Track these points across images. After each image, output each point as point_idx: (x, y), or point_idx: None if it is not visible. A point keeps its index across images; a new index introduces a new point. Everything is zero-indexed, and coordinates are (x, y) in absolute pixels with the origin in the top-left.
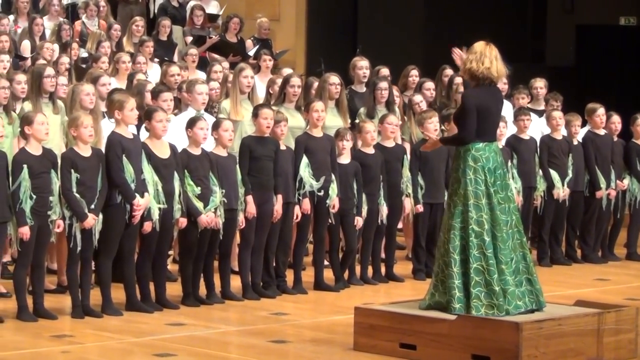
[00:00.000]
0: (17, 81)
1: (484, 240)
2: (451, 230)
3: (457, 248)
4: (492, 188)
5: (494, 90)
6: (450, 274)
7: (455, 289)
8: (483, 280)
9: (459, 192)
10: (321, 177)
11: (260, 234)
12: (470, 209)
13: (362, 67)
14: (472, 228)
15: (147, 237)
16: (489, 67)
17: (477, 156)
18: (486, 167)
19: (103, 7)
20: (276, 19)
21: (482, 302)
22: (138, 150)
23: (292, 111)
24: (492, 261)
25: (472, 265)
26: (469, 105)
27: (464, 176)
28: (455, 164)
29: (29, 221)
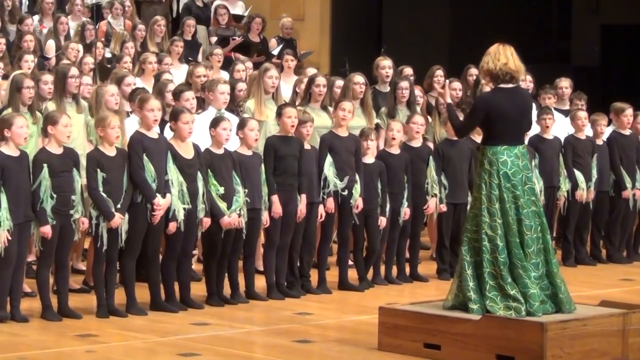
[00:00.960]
0: (43, 81)
1: (497, 245)
2: (465, 232)
3: (469, 251)
4: (510, 193)
5: (516, 93)
6: (464, 277)
7: (470, 290)
8: (497, 284)
9: (475, 195)
10: (345, 177)
11: (285, 234)
12: (483, 213)
13: (384, 66)
14: (485, 232)
15: (172, 237)
16: (506, 63)
17: (493, 160)
18: (501, 171)
19: (128, 7)
20: (300, 18)
21: (499, 305)
22: (162, 150)
23: (318, 111)
24: (505, 267)
25: (486, 269)
26: (477, 108)
27: (480, 179)
28: (475, 167)
29: (51, 220)
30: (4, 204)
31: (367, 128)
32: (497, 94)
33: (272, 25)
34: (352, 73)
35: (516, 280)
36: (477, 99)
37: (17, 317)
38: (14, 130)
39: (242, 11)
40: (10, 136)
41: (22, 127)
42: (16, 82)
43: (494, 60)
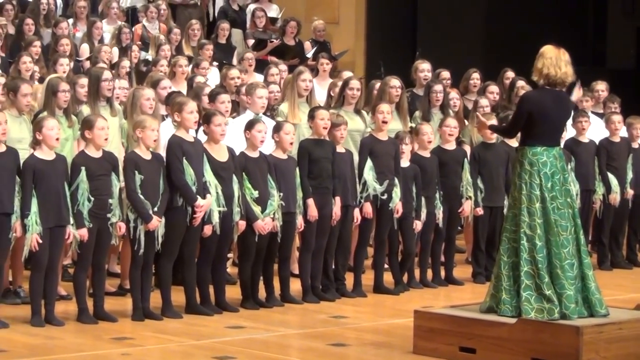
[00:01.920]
0: (80, 84)
1: (536, 244)
2: (504, 232)
3: (507, 251)
4: (550, 193)
5: (560, 95)
6: (499, 276)
7: (503, 290)
8: (533, 284)
9: (514, 195)
10: (385, 181)
11: (320, 237)
12: (523, 212)
13: (423, 70)
14: (523, 231)
15: (207, 240)
16: (566, 72)
17: (534, 160)
18: (542, 171)
19: (164, 10)
20: (335, 22)
21: (532, 306)
22: (199, 153)
23: (351, 114)
24: (543, 266)
25: (523, 268)
26: (522, 106)
27: (519, 179)
28: (514, 167)
29: (87, 223)
30: (34, 207)
31: (402, 132)
32: (542, 94)
33: (306, 28)
34: (388, 76)
35: (553, 281)
36: (522, 96)
37: (52, 320)
38: (45, 132)
39: (276, 14)
40: (42, 139)
41: (53, 128)
42: (52, 86)
43: (555, 66)
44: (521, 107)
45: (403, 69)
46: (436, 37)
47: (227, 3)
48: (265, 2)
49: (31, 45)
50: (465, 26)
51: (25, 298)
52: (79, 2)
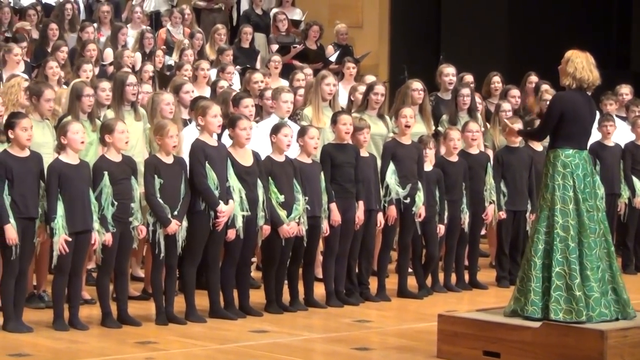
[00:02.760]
0: (101, 88)
1: (569, 245)
2: (536, 233)
3: (539, 251)
4: (581, 195)
5: (589, 99)
6: (529, 277)
7: (532, 291)
8: (564, 284)
9: (546, 197)
10: (407, 185)
11: (344, 242)
12: (556, 213)
13: (448, 74)
14: (557, 232)
15: (231, 244)
16: (597, 75)
17: (567, 162)
18: (575, 173)
19: (188, 14)
20: (359, 25)
21: (561, 307)
22: (222, 158)
23: (375, 119)
24: (575, 266)
25: (555, 269)
26: (554, 106)
27: (552, 181)
28: (545, 170)
29: (111, 228)
30: (61, 211)
31: (425, 136)
32: (573, 95)
33: (329, 32)
34: (411, 79)
35: (584, 282)
36: (554, 96)
37: (76, 324)
38: (70, 136)
39: (299, 17)
40: (67, 143)
41: (78, 132)
42: (76, 90)
43: (588, 72)
44: (553, 107)
45: (427, 73)
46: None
47: (250, 7)
48: (288, 6)
49: (58, 50)
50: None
51: (49, 302)
52: (102, 7)
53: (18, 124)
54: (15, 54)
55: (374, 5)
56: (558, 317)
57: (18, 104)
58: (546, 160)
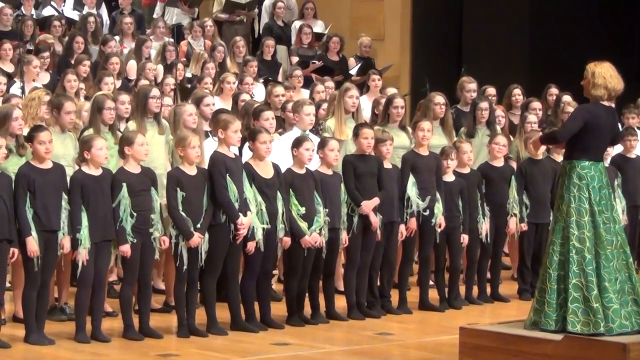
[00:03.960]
0: (120, 101)
1: (585, 257)
2: (551, 245)
3: (553, 263)
4: (597, 207)
5: (611, 112)
6: (545, 289)
7: (546, 303)
8: (581, 296)
9: (562, 209)
10: (427, 196)
11: (365, 254)
12: (572, 225)
13: (470, 89)
14: (572, 244)
15: (251, 257)
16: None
17: (583, 174)
18: (591, 185)
19: (210, 27)
20: (380, 38)
21: (579, 319)
22: (240, 170)
23: (397, 131)
24: (592, 278)
25: (571, 280)
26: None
27: (567, 193)
28: (561, 181)
29: (131, 239)
30: (85, 222)
31: (448, 147)
32: (598, 108)
33: (351, 44)
34: (432, 93)
35: (601, 294)
36: (579, 107)
37: (98, 337)
38: (94, 152)
39: (322, 29)
40: (90, 158)
41: (102, 148)
42: (97, 103)
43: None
44: (579, 114)
45: (448, 85)
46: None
47: (272, 20)
48: (310, 18)
49: (80, 63)
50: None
51: (70, 314)
52: (125, 19)
53: (36, 137)
54: (35, 66)
55: (396, 17)
56: (575, 329)
57: (38, 117)
58: (562, 172)
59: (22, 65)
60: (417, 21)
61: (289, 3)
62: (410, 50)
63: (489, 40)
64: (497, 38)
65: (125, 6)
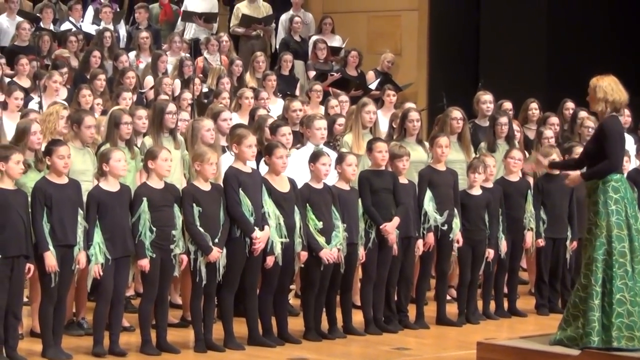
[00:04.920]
0: (137, 116)
1: (627, 271)
2: (593, 262)
3: (599, 280)
4: (631, 219)
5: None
6: (590, 307)
7: (596, 321)
8: (625, 311)
9: (600, 224)
10: (445, 211)
11: (382, 269)
12: (613, 240)
13: (485, 101)
14: (615, 259)
15: (269, 271)
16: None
17: (617, 187)
18: (625, 197)
19: (226, 42)
20: (397, 53)
21: (623, 334)
22: (257, 184)
23: (414, 145)
24: (635, 292)
25: (615, 296)
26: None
27: (605, 207)
28: (594, 197)
29: (149, 254)
30: (98, 238)
31: (475, 160)
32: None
33: (368, 59)
34: (450, 107)
35: None
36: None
37: (115, 351)
38: (112, 164)
39: (339, 44)
40: (108, 170)
41: (120, 160)
42: (114, 118)
43: (619, 92)
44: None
45: (465, 100)
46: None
47: (288, 35)
48: (328, 33)
49: (96, 78)
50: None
51: (88, 329)
52: (141, 34)
53: (55, 151)
54: (55, 81)
55: (413, 33)
56: (620, 344)
57: (56, 132)
58: (592, 187)
59: (39, 80)
60: (434, 36)
61: (305, 18)
62: (427, 66)
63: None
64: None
65: (142, 21)
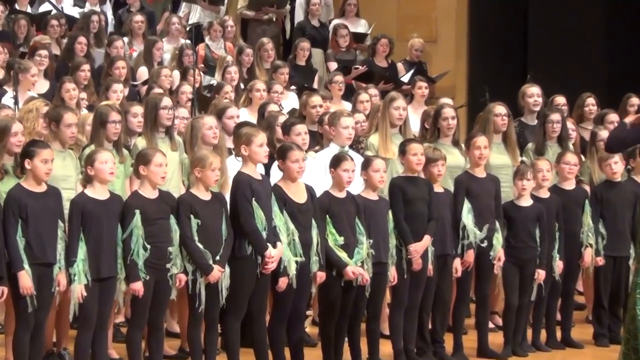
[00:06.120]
0: (132, 113)
1: None
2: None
3: None
4: None
5: None
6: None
7: None
8: None
9: None
10: (485, 225)
11: (414, 292)
12: None
13: (532, 94)
14: None
15: (282, 295)
16: None
17: None
18: None
19: (231, 27)
20: (432, 40)
21: None
22: (268, 194)
23: (449, 147)
24: None
25: None
26: None
27: None
28: None
29: (143, 275)
30: (81, 254)
31: (523, 165)
32: None
33: (399, 47)
34: (492, 103)
35: None
36: None
37: None
38: (97, 166)
39: (364, 29)
40: (94, 174)
41: (107, 162)
42: (100, 116)
43: None
44: None
45: (511, 95)
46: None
47: (305, 19)
48: (351, 16)
49: (79, 69)
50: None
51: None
52: (134, 18)
53: (38, 154)
54: (32, 75)
55: (450, 16)
56: None
57: (35, 132)
58: None
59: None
60: (475, 20)
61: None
62: (466, 54)
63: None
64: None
65: (133, 2)
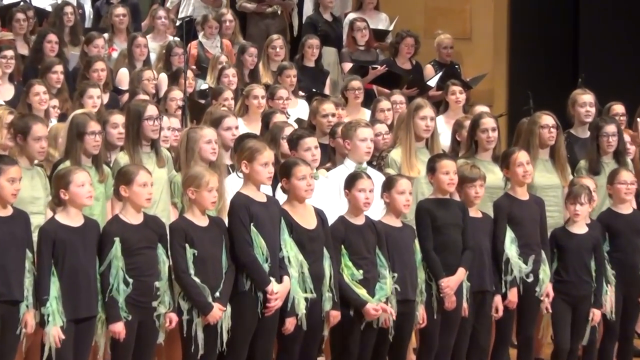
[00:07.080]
0: (112, 123)
1: None
2: None
3: None
4: None
5: None
6: None
7: None
8: None
9: None
10: (530, 257)
11: (446, 336)
12: None
13: (584, 103)
14: None
15: (289, 337)
16: None
17: None
18: None
19: (230, 21)
20: (466, 37)
21: None
22: (274, 218)
23: (489, 164)
24: None
25: None
26: None
27: None
28: None
29: (124, 315)
30: (54, 292)
31: (578, 186)
32: None
33: (427, 46)
34: (538, 112)
35: None
36: None
37: None
38: (73, 189)
39: (385, 25)
40: (68, 198)
41: (84, 184)
42: (77, 126)
43: None
44: None
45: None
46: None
47: (316, 12)
48: (370, 10)
49: (50, 70)
50: None
51: None
52: (115, 11)
53: (4, 172)
54: None
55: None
56: None
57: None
58: None
59: None
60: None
61: None
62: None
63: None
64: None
65: None
